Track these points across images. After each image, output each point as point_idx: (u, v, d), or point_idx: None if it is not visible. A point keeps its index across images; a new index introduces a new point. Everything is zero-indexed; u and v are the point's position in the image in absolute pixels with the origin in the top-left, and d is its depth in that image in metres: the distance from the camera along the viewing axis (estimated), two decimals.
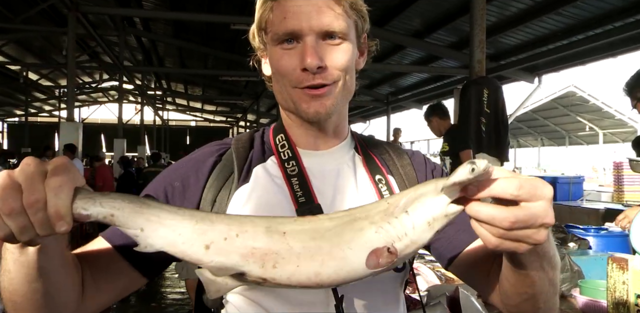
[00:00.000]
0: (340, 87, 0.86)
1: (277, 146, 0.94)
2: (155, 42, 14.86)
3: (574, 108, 20.28)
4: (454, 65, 10.20)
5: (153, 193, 0.89)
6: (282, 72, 0.85)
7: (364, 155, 0.98)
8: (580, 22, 7.10)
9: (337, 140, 0.96)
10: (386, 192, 0.93)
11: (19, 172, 0.57)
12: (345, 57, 0.85)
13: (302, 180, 0.89)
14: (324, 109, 0.85)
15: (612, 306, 1.60)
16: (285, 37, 0.83)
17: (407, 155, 1.02)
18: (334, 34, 0.83)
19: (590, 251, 3.08)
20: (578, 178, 9.77)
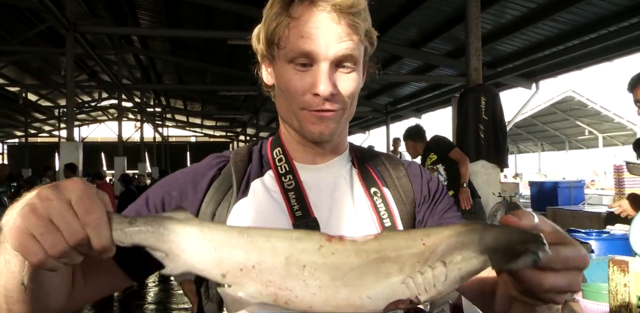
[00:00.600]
0: (346, 112, 0.89)
1: (275, 160, 0.95)
2: (153, 60, 14.96)
3: (572, 112, 20.33)
4: (451, 74, 10.25)
5: (151, 200, 0.91)
6: (292, 92, 0.86)
7: (360, 168, 0.99)
8: (575, 28, 7.15)
9: (334, 155, 0.97)
10: (381, 205, 0.94)
11: (45, 210, 0.56)
12: (355, 85, 0.87)
13: (298, 194, 0.90)
14: (328, 130, 0.88)
15: (614, 309, 1.60)
16: (300, 56, 0.83)
17: (403, 167, 1.03)
18: (348, 62, 0.85)
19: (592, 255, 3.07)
20: (579, 183, 9.75)
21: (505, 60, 8.83)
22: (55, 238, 0.55)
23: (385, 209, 0.94)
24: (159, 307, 6.25)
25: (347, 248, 0.58)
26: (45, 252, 0.56)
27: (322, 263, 0.57)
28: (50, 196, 0.57)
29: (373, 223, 0.93)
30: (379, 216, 0.93)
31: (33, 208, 0.56)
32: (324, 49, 0.82)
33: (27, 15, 10.85)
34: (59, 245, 0.56)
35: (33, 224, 0.56)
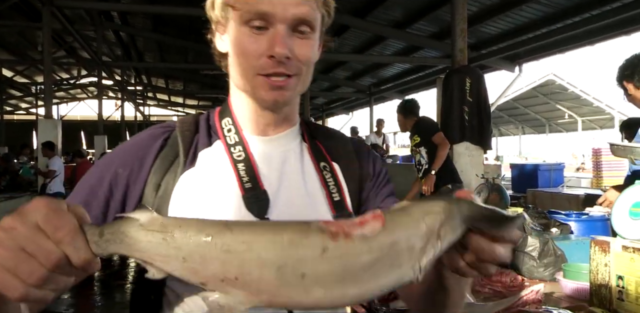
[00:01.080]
0: (300, 80, 0.86)
1: (224, 130, 0.92)
2: (134, 37, 14.66)
3: (553, 96, 20.54)
4: (436, 55, 10.24)
5: (96, 183, 0.87)
6: (247, 56, 0.83)
7: (310, 142, 0.98)
8: (559, 11, 7.17)
9: (285, 127, 0.95)
10: (330, 179, 0.94)
11: (12, 240, 0.51)
12: (311, 51, 0.85)
13: (248, 165, 0.88)
14: (282, 98, 0.85)
15: (595, 288, 1.63)
16: (256, 18, 0.81)
17: (351, 143, 1.03)
18: (304, 27, 0.83)
19: (572, 236, 3.13)
20: (558, 165, 9.90)
21: (489, 43, 8.84)
22: (31, 266, 0.51)
23: (334, 184, 0.94)
24: None
25: (357, 247, 0.52)
26: (25, 283, 0.51)
27: (328, 270, 0.52)
28: (13, 224, 0.52)
29: (322, 198, 0.93)
30: (328, 191, 0.93)
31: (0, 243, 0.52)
32: (281, 10, 0.80)
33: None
34: (37, 272, 0.51)
35: (3, 258, 0.51)
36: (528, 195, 7.84)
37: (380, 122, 11.43)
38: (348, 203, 0.95)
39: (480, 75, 5.68)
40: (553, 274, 2.17)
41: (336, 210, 0.92)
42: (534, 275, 2.23)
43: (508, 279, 2.04)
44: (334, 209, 0.92)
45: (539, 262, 2.25)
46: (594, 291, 1.63)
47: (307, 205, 0.91)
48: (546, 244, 2.31)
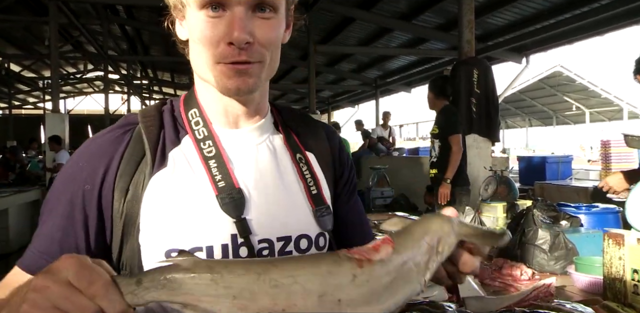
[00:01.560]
0: (265, 66, 0.80)
1: (191, 123, 0.86)
2: (140, 30, 14.64)
3: (560, 88, 20.39)
4: (442, 47, 10.16)
5: (68, 204, 0.81)
6: (204, 43, 0.77)
7: (285, 132, 0.93)
8: (566, 1, 7.08)
9: (256, 118, 0.89)
10: (307, 171, 0.91)
11: (46, 300, 0.51)
12: (274, 34, 0.79)
13: (220, 162, 0.83)
14: (246, 85, 0.79)
15: (608, 282, 1.61)
16: (212, 0, 0.75)
17: (323, 130, 1.00)
18: (264, 6, 0.76)
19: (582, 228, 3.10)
20: (566, 158, 9.84)
21: (496, 34, 8.76)
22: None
23: (311, 176, 0.91)
24: None
25: (378, 271, 0.58)
26: None
27: (358, 293, 0.57)
28: (45, 283, 0.51)
29: (301, 192, 0.89)
30: (306, 183, 0.90)
31: (33, 304, 0.51)
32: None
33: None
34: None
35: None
36: (536, 187, 7.80)
37: (387, 114, 11.38)
38: (325, 196, 0.92)
39: (488, 66, 5.63)
40: (564, 267, 2.15)
41: (315, 204, 0.89)
42: (545, 268, 2.21)
43: (519, 272, 2.03)
44: (312, 204, 0.89)
45: (550, 255, 2.23)
46: (607, 285, 1.61)
47: (286, 202, 0.87)
48: (557, 237, 2.29)
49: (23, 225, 8.20)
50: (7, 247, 7.49)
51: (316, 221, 0.89)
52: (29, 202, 8.40)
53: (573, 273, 1.96)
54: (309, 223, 0.88)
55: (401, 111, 27.52)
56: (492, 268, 2.10)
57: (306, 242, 0.87)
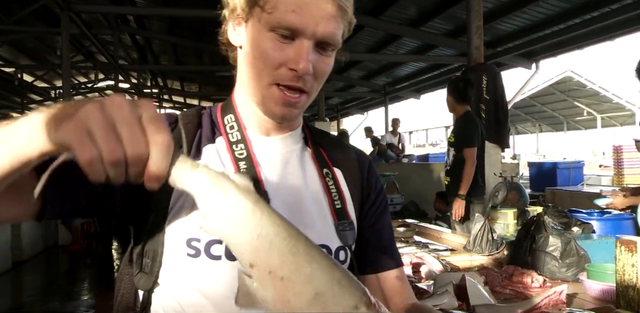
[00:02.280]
0: (311, 96, 0.86)
1: (226, 127, 0.91)
2: (150, 40, 14.78)
3: (571, 93, 20.27)
4: (451, 54, 10.15)
5: None
6: (267, 63, 0.81)
7: (313, 148, 0.97)
8: (576, 6, 7.05)
9: (287, 130, 0.94)
10: (332, 186, 0.94)
11: (114, 114, 0.51)
12: (328, 70, 0.86)
13: (249, 164, 0.87)
14: (290, 115, 0.86)
15: (621, 289, 1.59)
16: (285, 29, 0.79)
17: (355, 153, 1.03)
18: (328, 45, 0.82)
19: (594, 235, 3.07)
20: (578, 163, 9.76)
21: (506, 40, 8.73)
22: (116, 145, 0.51)
23: (337, 191, 0.94)
24: None
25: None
26: (99, 153, 0.51)
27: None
28: (122, 103, 0.53)
29: (325, 205, 0.92)
30: (331, 197, 0.93)
31: (101, 108, 0.52)
32: (312, 28, 0.79)
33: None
34: (117, 153, 0.51)
35: (97, 123, 0.51)
36: (547, 193, 7.74)
37: (396, 121, 11.38)
38: (349, 211, 0.94)
39: (497, 72, 5.61)
40: (576, 275, 2.13)
41: (338, 218, 0.92)
42: (556, 275, 2.19)
43: (529, 279, 2.01)
44: (335, 217, 0.92)
45: (561, 262, 2.21)
46: (620, 293, 1.59)
47: (308, 211, 0.90)
48: (568, 244, 2.26)
49: (36, 234, 8.26)
50: (20, 255, 7.54)
51: (337, 234, 0.91)
52: None
53: (585, 281, 1.94)
54: (330, 235, 0.90)
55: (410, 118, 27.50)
56: (503, 275, 2.08)
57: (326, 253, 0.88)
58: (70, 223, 8.63)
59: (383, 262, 1.00)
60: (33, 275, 7.24)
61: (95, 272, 7.50)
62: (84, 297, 6.03)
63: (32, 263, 7.76)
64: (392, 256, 1.02)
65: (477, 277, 1.91)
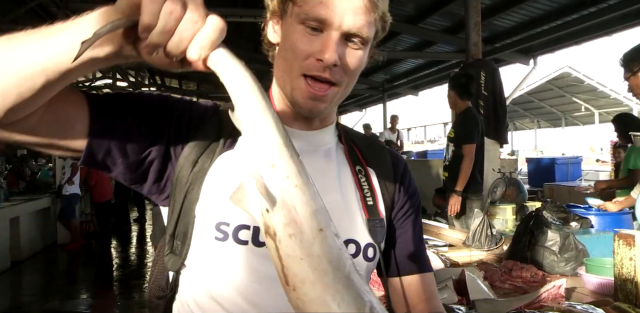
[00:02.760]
0: (340, 91, 0.87)
1: None
2: None
3: (569, 89, 20.25)
4: (449, 50, 10.14)
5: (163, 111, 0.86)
6: (296, 53, 0.83)
7: (346, 145, 0.98)
8: (574, 2, 7.04)
9: (322, 125, 0.96)
10: (365, 183, 0.95)
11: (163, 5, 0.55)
12: (358, 63, 0.86)
13: None
14: (317, 110, 0.87)
15: (620, 283, 1.59)
16: (313, 21, 0.81)
17: (388, 153, 1.04)
18: (356, 39, 0.83)
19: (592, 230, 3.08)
20: (576, 159, 9.79)
21: (503, 36, 8.72)
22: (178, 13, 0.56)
23: (369, 188, 0.95)
24: None
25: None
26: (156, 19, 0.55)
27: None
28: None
29: (356, 200, 0.93)
30: (363, 193, 0.94)
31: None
32: (339, 19, 0.80)
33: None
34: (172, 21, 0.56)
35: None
36: (545, 189, 7.76)
37: (394, 118, 11.38)
38: (380, 209, 0.95)
39: (495, 68, 5.62)
40: (574, 269, 2.13)
41: (369, 214, 0.92)
42: (555, 269, 2.20)
43: (529, 274, 2.01)
44: (367, 213, 0.92)
45: (560, 256, 2.21)
46: (619, 286, 1.59)
47: (340, 205, 0.90)
48: (567, 238, 2.27)
49: (34, 233, 8.26)
50: (18, 254, 7.54)
51: (368, 230, 0.91)
52: (39, 209, 8.46)
53: (583, 275, 1.95)
54: (360, 231, 0.91)
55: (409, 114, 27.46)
56: (502, 270, 2.09)
57: (354, 248, 0.90)
58: (69, 220, 8.63)
59: (409, 265, 1.00)
60: (32, 275, 7.24)
61: (94, 271, 7.50)
62: (83, 296, 6.03)
63: (31, 262, 7.76)
64: (419, 260, 1.02)
65: (476, 272, 1.91)
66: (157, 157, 0.84)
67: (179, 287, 0.90)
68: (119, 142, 0.79)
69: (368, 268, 0.93)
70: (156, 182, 0.87)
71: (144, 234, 10.04)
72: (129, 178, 0.85)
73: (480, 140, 4.41)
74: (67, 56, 0.58)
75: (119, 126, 0.79)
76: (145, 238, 9.46)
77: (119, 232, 10.07)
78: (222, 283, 0.84)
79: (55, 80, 0.62)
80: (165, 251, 0.89)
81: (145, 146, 0.82)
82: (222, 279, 0.84)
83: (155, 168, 0.85)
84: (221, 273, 0.84)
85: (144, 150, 0.82)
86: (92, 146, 0.77)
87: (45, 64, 0.60)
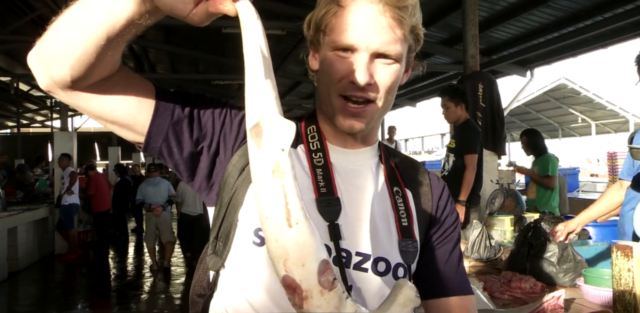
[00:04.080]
0: (379, 106, 0.90)
1: (308, 136, 0.97)
2: (146, 49, 14.83)
3: (565, 100, 20.36)
4: (447, 62, 10.22)
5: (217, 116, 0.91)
6: (332, 76, 0.88)
7: (386, 165, 1.00)
8: (570, 14, 7.12)
9: (363, 145, 0.99)
10: (401, 204, 0.96)
11: None
12: (393, 78, 0.89)
13: (326, 172, 0.92)
14: (358, 126, 0.90)
15: (618, 294, 1.61)
16: (341, 47, 0.86)
17: (428, 176, 1.05)
18: (387, 57, 0.86)
19: (590, 241, 3.10)
20: (573, 170, 9.82)
21: (500, 48, 8.80)
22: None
23: (405, 209, 0.96)
24: (156, 297, 6.26)
25: None
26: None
27: None
28: None
29: (392, 220, 0.94)
30: (398, 215, 0.95)
31: None
32: (365, 42, 0.84)
33: (17, 4, 10.69)
34: None
35: None
36: None
37: (392, 129, 11.41)
38: (415, 230, 0.96)
39: (493, 80, 5.66)
40: (573, 280, 2.14)
41: (403, 235, 0.94)
42: (554, 281, 2.21)
43: (528, 285, 2.02)
44: (400, 233, 0.94)
45: (559, 267, 2.23)
46: (617, 297, 1.61)
47: (375, 224, 0.92)
48: (565, 250, 2.29)
49: (32, 243, 8.23)
50: (16, 265, 7.51)
51: (399, 251, 0.93)
52: (37, 219, 8.44)
53: (582, 286, 1.96)
54: (392, 250, 0.93)
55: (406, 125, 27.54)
56: (501, 281, 2.10)
57: (384, 266, 0.91)
58: (67, 230, 8.60)
59: (444, 287, 1.00)
60: (29, 285, 7.21)
61: (92, 282, 7.47)
62: (80, 307, 6.00)
63: (28, 272, 7.72)
64: (456, 282, 1.02)
65: (476, 283, 1.92)
66: (208, 154, 0.90)
67: (218, 287, 0.93)
68: (175, 134, 0.86)
69: None
70: (205, 178, 0.92)
71: (141, 244, 10.01)
72: (183, 170, 0.91)
73: (479, 152, 4.42)
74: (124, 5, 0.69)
75: (178, 119, 0.86)
76: (143, 249, 9.44)
77: (116, 242, 10.04)
78: (257, 288, 0.86)
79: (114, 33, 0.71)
80: (209, 251, 0.93)
81: (198, 142, 0.89)
82: (258, 284, 0.86)
83: (205, 164, 0.91)
84: (257, 278, 0.87)
85: (197, 145, 0.89)
86: (152, 133, 0.85)
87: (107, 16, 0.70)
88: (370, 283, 0.88)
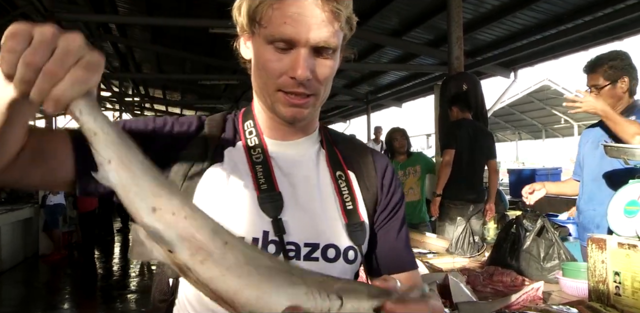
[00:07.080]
0: (319, 98, 0.91)
1: (245, 132, 0.97)
2: (132, 48, 14.74)
3: (549, 101, 20.60)
4: (432, 63, 10.32)
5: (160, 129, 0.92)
6: (269, 73, 0.87)
7: (328, 150, 1.01)
8: (552, 17, 7.25)
9: (303, 134, 1.00)
10: (345, 188, 0.97)
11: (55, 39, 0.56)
12: (330, 72, 0.89)
13: (265, 168, 0.93)
14: (300, 115, 0.90)
15: (593, 284, 1.68)
16: (280, 41, 0.84)
17: (371, 155, 1.06)
18: (326, 50, 0.86)
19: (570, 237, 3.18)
20: (556, 170, 9.97)
21: (485, 50, 8.92)
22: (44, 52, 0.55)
23: (349, 193, 0.97)
24: (141, 296, 6.25)
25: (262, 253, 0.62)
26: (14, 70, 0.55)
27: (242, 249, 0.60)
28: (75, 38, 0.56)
29: (335, 206, 0.96)
30: (342, 199, 0.96)
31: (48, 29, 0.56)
32: (304, 36, 0.83)
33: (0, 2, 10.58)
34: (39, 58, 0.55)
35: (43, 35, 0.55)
36: None
37: (378, 129, 11.49)
38: (361, 212, 0.97)
39: (477, 81, 5.76)
40: (553, 275, 2.22)
41: (349, 219, 0.95)
42: (535, 274, 2.28)
43: (509, 279, 2.09)
44: (346, 217, 0.95)
45: (543, 263, 2.30)
46: (592, 287, 1.68)
47: (319, 212, 0.94)
48: (551, 247, 2.35)
49: (16, 244, 8.15)
50: (0, 265, 7.44)
51: (348, 234, 0.95)
52: (21, 220, 8.36)
53: (560, 279, 2.03)
54: (340, 235, 0.94)
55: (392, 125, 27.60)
56: (484, 275, 2.17)
57: (334, 252, 0.93)
58: (52, 230, 8.54)
59: (395, 264, 1.02)
60: (13, 286, 7.15)
61: (77, 282, 7.42)
62: (65, 307, 5.98)
63: (12, 273, 7.66)
64: (403, 259, 1.04)
65: (459, 277, 1.99)
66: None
67: (178, 293, 0.95)
68: None
69: (351, 270, 0.96)
70: None
71: (127, 245, 9.96)
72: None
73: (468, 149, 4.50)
74: None
75: None
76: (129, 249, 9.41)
77: (102, 242, 9.98)
78: None
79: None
80: None
81: None
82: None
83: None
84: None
85: None
86: (82, 177, 0.81)
87: None
88: (322, 271, 0.85)
